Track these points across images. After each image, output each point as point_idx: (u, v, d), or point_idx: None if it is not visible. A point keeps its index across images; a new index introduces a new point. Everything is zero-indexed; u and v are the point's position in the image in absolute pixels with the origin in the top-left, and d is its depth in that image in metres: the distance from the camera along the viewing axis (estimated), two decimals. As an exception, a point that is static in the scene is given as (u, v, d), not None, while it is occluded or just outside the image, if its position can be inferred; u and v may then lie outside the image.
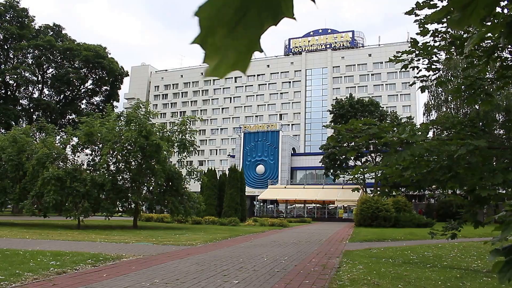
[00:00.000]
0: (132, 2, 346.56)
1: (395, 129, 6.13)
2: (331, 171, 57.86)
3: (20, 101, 60.13)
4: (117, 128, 28.43)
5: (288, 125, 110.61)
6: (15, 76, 56.20)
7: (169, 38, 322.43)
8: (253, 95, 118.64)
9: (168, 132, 30.65)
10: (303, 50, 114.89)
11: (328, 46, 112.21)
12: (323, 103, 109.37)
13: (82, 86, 63.61)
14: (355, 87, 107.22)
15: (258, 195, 67.27)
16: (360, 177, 47.70)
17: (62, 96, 62.87)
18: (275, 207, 67.30)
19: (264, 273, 9.58)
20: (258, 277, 9.01)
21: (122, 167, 28.61)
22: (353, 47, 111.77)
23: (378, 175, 10.44)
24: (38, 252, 12.12)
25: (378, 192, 12.02)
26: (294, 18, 0.86)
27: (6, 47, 58.96)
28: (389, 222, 36.26)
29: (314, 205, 64.49)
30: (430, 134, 9.72)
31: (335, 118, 58.43)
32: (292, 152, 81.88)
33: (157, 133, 28.71)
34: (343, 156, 52.84)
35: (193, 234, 22.34)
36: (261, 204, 67.72)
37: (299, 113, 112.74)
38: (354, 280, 8.75)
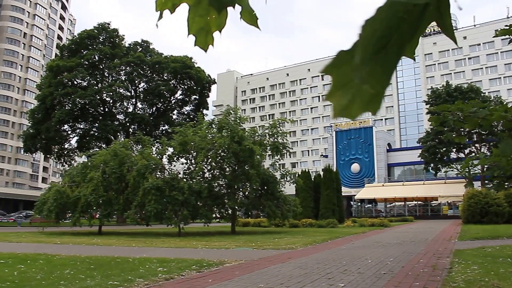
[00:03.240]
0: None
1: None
2: (432, 165, 55.19)
3: (117, 116, 62.97)
4: (210, 135, 28.88)
5: (381, 120, 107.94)
6: (111, 93, 58.99)
7: (249, 43, 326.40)
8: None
9: (259, 136, 30.71)
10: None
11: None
12: (416, 94, 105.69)
13: (172, 97, 65.50)
14: (451, 73, 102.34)
15: (354, 195, 66.15)
16: (470, 170, 45.02)
17: (154, 108, 65.11)
18: (373, 207, 65.83)
19: (370, 275, 9.17)
20: (364, 279, 8.63)
21: (217, 173, 29.01)
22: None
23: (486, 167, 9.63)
24: (146, 259, 12.39)
25: (491, 185, 11.13)
26: (414, 59, 0.84)
27: (101, 66, 62.03)
28: (502, 218, 33.31)
29: (415, 202, 62.29)
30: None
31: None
32: (388, 148, 79.65)
33: (249, 138, 28.85)
34: (444, 149, 50.56)
35: (292, 238, 22.14)
36: (359, 204, 66.55)
37: (392, 106, 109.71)
38: (469, 281, 8.13)
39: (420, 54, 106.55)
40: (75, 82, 60.22)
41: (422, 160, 57.17)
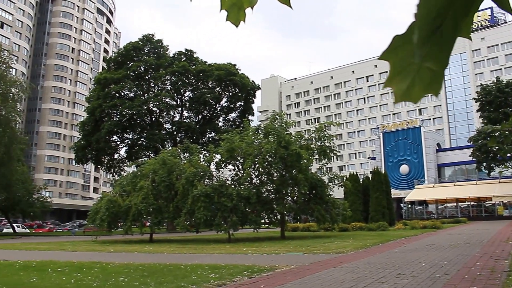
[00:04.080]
0: (249, 17, 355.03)
1: None
2: (484, 164, 53.40)
3: (164, 125, 63.97)
4: (256, 141, 28.94)
5: (429, 119, 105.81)
6: (157, 103, 59.96)
7: (291, 47, 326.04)
8: (388, 93, 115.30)
9: (306, 140, 30.57)
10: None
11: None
12: (465, 92, 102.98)
13: (217, 105, 66.03)
14: (501, 69, 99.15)
15: (404, 197, 64.96)
16: None
17: (200, 116, 65.79)
18: (424, 208, 64.42)
19: (425, 279, 8.96)
20: (418, 283, 8.43)
21: (265, 179, 29.01)
22: (494, 26, 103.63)
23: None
24: (197, 266, 12.47)
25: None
26: (470, 38, 0.83)
27: (147, 77, 63.20)
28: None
29: (468, 203, 60.57)
30: None
31: (482, 106, 54.51)
32: (437, 148, 77.86)
33: (296, 142, 28.76)
34: (497, 148, 48.97)
35: (342, 242, 21.91)
36: (409, 206, 65.28)
37: (440, 105, 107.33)
38: (532, 284, 7.84)
39: (467, 51, 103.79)
40: (122, 94, 61.56)
41: (473, 159, 55.49)
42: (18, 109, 55.80)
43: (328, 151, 29.63)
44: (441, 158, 75.88)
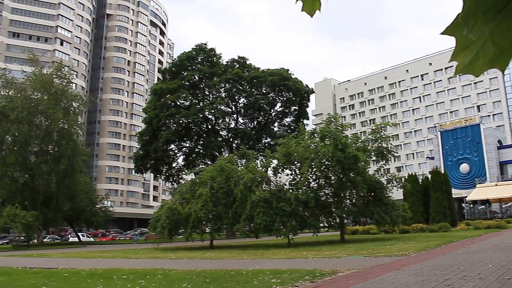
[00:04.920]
0: (298, 22, 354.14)
1: None
2: (550, 159, 51.25)
3: (220, 132, 64.63)
4: (313, 145, 28.91)
5: (489, 116, 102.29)
6: (213, 111, 60.64)
7: (342, 50, 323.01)
8: (444, 90, 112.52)
9: (363, 142, 30.28)
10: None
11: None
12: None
13: (272, 110, 66.19)
14: None
15: (465, 196, 63.02)
16: None
17: (255, 122, 66.11)
18: (487, 208, 62.30)
19: (493, 281, 8.71)
20: (486, 286, 8.21)
21: (323, 182, 28.90)
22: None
23: None
24: (259, 271, 12.55)
25: None
26: None
27: (201, 86, 64.08)
28: None
29: (535, 201, 58.19)
30: None
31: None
32: (499, 145, 75.18)
33: (353, 145, 28.54)
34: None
35: (403, 244, 21.54)
36: (471, 205, 63.30)
37: (499, 101, 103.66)
38: None
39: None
40: (178, 103, 62.65)
41: (538, 155, 53.39)
42: (80, 122, 57.78)
43: (385, 152, 29.27)
44: (503, 155, 73.21)
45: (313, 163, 27.47)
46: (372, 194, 28.79)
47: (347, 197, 29.42)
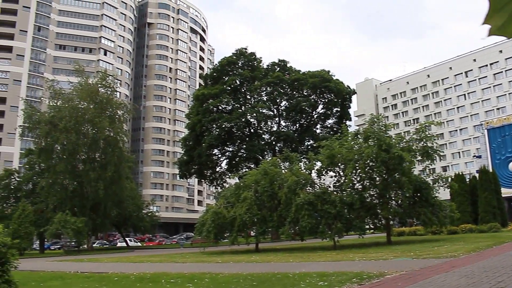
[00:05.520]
0: (336, 23, 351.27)
1: None
2: None
3: (263, 135, 64.75)
4: (356, 146, 28.71)
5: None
6: (255, 114, 60.85)
7: (382, 49, 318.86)
8: (490, 87, 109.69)
9: (407, 142, 29.87)
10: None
11: None
12: None
13: (314, 112, 65.91)
14: None
15: (515, 196, 61.27)
16: None
17: (297, 124, 65.93)
18: (540, 207, 60.40)
19: (550, 281, 8.50)
20: (543, 287, 8.02)
21: (367, 184, 28.65)
22: None
23: None
24: (305, 274, 12.54)
25: None
26: None
27: (243, 90, 64.45)
28: None
29: None
30: None
31: None
32: (549, 142, 72.79)
33: (397, 145, 28.20)
34: None
35: (452, 245, 21.13)
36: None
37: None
38: None
39: None
40: (220, 108, 63.13)
41: None
42: (125, 130, 59.00)
43: (430, 151, 28.81)
44: (554, 152, 70.80)
45: (357, 165, 27.28)
46: (418, 194, 28.37)
47: (393, 198, 29.05)
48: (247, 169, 53.16)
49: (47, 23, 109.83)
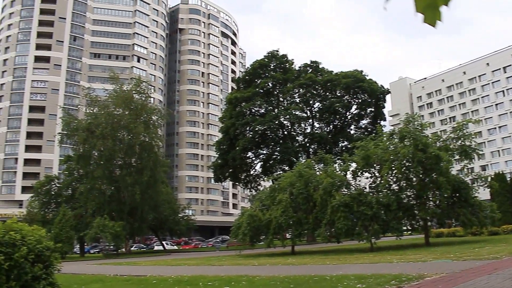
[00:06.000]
0: (366, 23, 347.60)
1: None
2: None
3: (296, 138, 64.63)
4: (392, 146, 28.37)
5: None
6: (288, 116, 60.83)
7: (416, 47, 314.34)
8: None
9: (444, 141, 29.35)
10: None
11: None
12: None
13: (348, 113, 65.44)
14: None
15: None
16: None
17: (331, 126, 65.57)
18: None
19: None
20: None
21: (404, 184, 28.29)
22: None
23: None
24: (343, 276, 12.43)
25: None
26: None
27: (275, 92, 64.49)
28: None
29: None
30: None
31: None
32: None
33: (433, 144, 27.74)
34: None
35: (494, 246, 20.62)
36: None
37: None
38: None
39: None
40: (253, 111, 63.31)
41: None
42: (159, 135, 59.71)
43: (469, 150, 28.23)
44: None
45: (393, 165, 26.95)
46: (457, 194, 27.81)
47: (431, 198, 28.55)
48: (281, 172, 53.13)
49: (82, 32, 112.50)
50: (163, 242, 66.76)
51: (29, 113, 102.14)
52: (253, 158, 66.35)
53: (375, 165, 28.57)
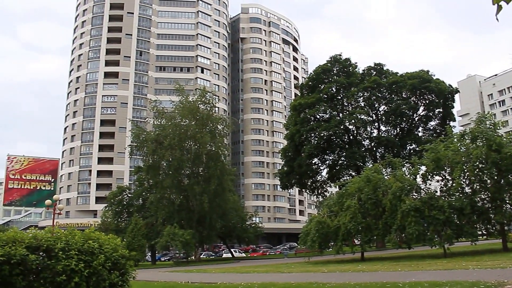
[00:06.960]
0: (428, 22, 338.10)
1: None
2: None
3: (362, 142, 63.65)
4: (463, 147, 27.44)
5: None
6: (353, 121, 59.98)
7: (483, 43, 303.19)
8: None
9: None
10: None
11: None
12: None
13: (415, 115, 63.84)
14: None
15: None
16: None
17: (398, 128, 64.17)
18: None
19: None
20: None
21: (478, 187, 27.29)
22: None
23: None
24: (416, 283, 12.15)
25: None
26: None
27: (339, 97, 63.82)
28: None
29: None
30: None
31: None
32: None
33: (509, 144, 26.56)
34: None
35: None
36: None
37: None
38: None
39: None
40: (318, 116, 62.89)
41: None
42: (225, 143, 60.53)
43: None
44: None
45: (465, 167, 26.04)
46: (536, 196, 26.53)
47: (507, 201, 27.34)
48: (348, 177, 52.53)
49: (148, 47, 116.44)
50: (232, 250, 67.38)
51: (101, 126, 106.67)
52: (319, 164, 65.84)
53: (446, 167, 27.72)
